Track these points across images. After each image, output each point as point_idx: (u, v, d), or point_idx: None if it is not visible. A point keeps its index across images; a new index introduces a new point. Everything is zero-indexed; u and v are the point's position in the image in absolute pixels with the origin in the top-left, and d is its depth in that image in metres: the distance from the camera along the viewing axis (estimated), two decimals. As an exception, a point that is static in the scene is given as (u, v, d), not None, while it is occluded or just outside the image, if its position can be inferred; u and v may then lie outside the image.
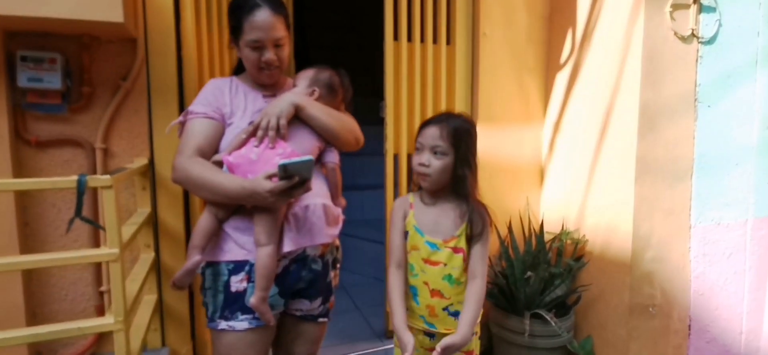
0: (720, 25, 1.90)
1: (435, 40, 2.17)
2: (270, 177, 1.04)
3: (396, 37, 2.09)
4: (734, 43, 1.94)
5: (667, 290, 1.92)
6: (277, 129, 1.10)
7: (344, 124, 1.27)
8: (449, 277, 1.25)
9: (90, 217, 1.61)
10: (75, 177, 1.03)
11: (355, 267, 3.26)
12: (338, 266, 1.35)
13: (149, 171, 1.68)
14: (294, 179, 1.03)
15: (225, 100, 1.18)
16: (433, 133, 1.23)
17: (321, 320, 1.30)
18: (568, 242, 2.06)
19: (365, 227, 3.42)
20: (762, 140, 2.01)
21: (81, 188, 1.02)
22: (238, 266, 1.13)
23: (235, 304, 1.12)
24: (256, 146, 1.11)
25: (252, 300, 1.09)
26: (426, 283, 1.26)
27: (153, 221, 1.70)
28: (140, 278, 1.44)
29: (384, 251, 2.31)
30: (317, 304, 1.27)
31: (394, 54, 2.08)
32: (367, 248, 3.22)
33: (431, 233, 1.25)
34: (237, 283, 1.12)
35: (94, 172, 1.63)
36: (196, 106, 1.16)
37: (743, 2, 1.93)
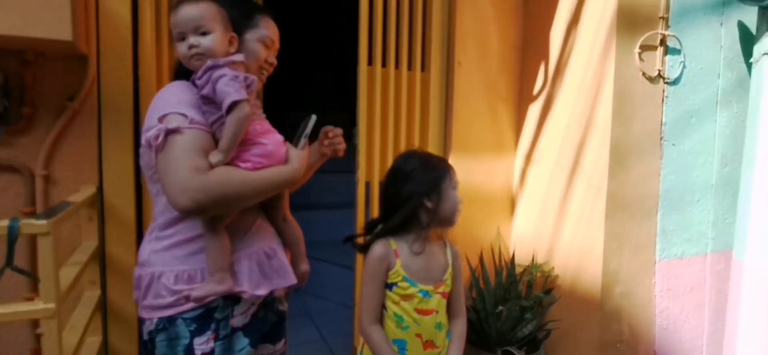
0: (684, 66, 1.97)
1: (410, 67, 2.12)
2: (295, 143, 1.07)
3: (370, 61, 2.03)
4: (697, 85, 2.01)
5: (633, 325, 1.94)
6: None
7: None
8: (439, 324, 1.21)
9: (25, 259, 1.44)
10: (4, 223, 0.89)
11: (321, 292, 3.14)
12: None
13: (97, 200, 1.53)
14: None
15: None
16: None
17: None
18: (538, 274, 2.05)
19: (331, 249, 3.30)
20: (720, 178, 2.09)
21: (13, 235, 0.89)
22: (202, 321, 0.97)
23: None
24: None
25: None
26: (418, 335, 1.18)
27: (100, 255, 1.55)
28: (82, 324, 1.29)
29: (352, 275, 2.23)
30: (280, 346, 1.18)
31: (368, 79, 2.02)
32: (333, 272, 3.11)
33: (423, 280, 1.19)
34: (202, 345, 0.96)
35: (33, 201, 1.47)
36: (190, 112, 0.93)
37: (706, 45, 2.01)
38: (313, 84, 4.82)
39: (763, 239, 1.87)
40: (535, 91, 2.21)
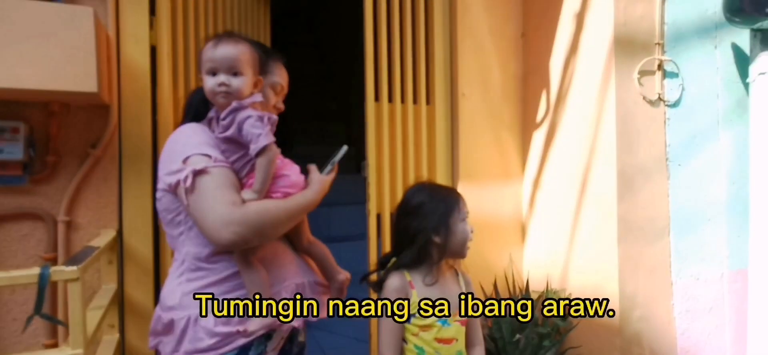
0: (683, 89, 2.02)
1: (415, 101, 2.19)
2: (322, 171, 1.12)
3: (377, 98, 2.09)
4: (697, 106, 2.05)
5: (655, 349, 1.91)
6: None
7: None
8: (460, 353, 1.21)
9: (46, 304, 1.45)
10: (35, 271, 0.92)
11: (334, 327, 3.11)
12: None
13: (117, 243, 1.56)
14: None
15: None
16: None
17: None
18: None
19: (343, 283, 3.30)
20: (730, 195, 2.10)
21: (43, 283, 0.91)
22: None
23: None
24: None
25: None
26: None
27: (119, 298, 1.56)
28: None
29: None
30: None
31: (376, 114, 2.08)
32: (345, 307, 3.08)
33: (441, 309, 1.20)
34: None
35: (54, 247, 1.50)
36: (212, 152, 0.97)
37: (702, 67, 2.06)
38: (317, 118, 4.94)
39: (777, 255, 1.87)
40: (539, 118, 2.26)
